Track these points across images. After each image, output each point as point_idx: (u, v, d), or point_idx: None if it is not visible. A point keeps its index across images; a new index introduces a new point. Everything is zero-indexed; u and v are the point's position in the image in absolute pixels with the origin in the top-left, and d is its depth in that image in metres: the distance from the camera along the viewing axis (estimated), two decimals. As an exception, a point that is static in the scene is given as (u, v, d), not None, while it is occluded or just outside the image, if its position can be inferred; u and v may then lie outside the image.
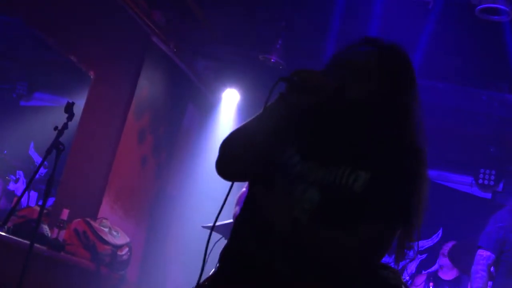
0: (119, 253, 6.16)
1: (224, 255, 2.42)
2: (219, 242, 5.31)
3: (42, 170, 8.76)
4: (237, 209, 5.18)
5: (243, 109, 8.31)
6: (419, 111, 2.44)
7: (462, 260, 6.65)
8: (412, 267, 8.45)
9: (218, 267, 2.42)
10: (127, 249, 6.29)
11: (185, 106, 8.44)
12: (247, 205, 2.43)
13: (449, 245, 7.17)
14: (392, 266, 2.34)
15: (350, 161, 2.27)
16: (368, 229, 2.21)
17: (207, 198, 7.34)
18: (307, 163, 2.31)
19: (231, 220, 5.22)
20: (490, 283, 5.14)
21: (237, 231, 2.42)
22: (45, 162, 4.71)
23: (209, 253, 2.43)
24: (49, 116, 7.92)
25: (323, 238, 2.20)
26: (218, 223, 4.95)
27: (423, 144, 2.38)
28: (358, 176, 2.24)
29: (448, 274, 7.02)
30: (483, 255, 5.05)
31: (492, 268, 5.09)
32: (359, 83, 2.31)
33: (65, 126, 4.63)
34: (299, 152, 2.34)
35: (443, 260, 7.06)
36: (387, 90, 2.35)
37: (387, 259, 2.38)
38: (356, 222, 2.20)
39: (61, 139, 4.60)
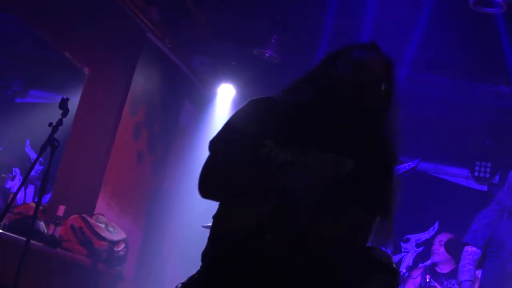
0: (115, 249, 6.16)
1: (209, 253, 2.46)
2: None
3: (38, 167, 8.76)
4: None
5: (238, 103, 8.29)
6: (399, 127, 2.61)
7: (459, 252, 6.66)
8: (409, 260, 8.47)
9: (204, 265, 2.45)
10: (123, 245, 6.30)
11: (181, 101, 8.44)
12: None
13: (442, 236, 7.17)
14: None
15: (338, 151, 2.39)
16: (353, 215, 2.33)
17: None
18: (292, 151, 2.38)
19: None
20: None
21: (223, 226, 2.45)
22: (41, 159, 4.72)
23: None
24: (45, 113, 7.91)
25: (312, 225, 2.28)
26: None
27: (398, 154, 2.55)
28: (345, 162, 2.37)
29: (445, 267, 7.03)
30: (469, 250, 5.12)
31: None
32: (376, 92, 2.48)
33: (60, 122, 4.64)
34: (279, 143, 2.40)
35: (438, 251, 7.07)
36: (387, 103, 2.54)
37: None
38: (340, 207, 2.32)
39: (56, 135, 4.61)
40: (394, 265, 2.30)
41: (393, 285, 2.28)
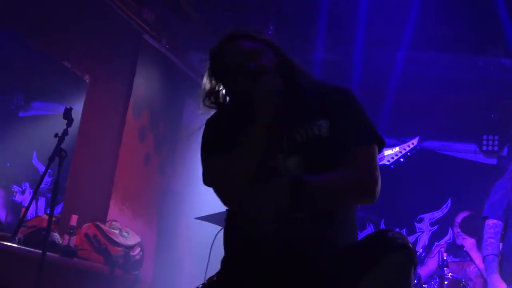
0: (131, 253, 6.16)
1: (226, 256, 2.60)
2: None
3: (48, 179, 8.76)
4: None
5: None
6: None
7: (474, 228, 6.65)
8: (424, 239, 8.46)
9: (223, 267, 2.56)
10: (139, 249, 6.30)
11: (183, 100, 8.44)
12: None
13: (460, 216, 7.16)
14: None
15: (307, 118, 2.58)
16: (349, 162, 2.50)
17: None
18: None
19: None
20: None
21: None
22: (50, 170, 4.72)
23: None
24: (49, 124, 7.88)
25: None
26: (211, 213, 4.95)
27: (351, 95, 2.69)
28: (320, 125, 2.55)
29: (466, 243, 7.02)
30: (490, 224, 5.06)
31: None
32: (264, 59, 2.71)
33: (66, 132, 4.64)
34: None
35: (457, 231, 7.06)
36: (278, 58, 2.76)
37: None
38: (333, 163, 2.48)
39: (63, 145, 4.61)
40: (410, 244, 2.31)
41: (409, 262, 2.29)
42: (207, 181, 2.61)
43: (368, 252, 2.28)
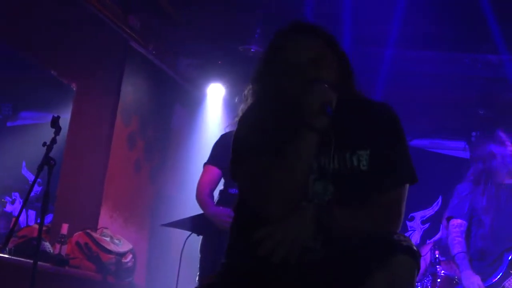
0: (123, 260, 6.14)
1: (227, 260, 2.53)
2: (194, 238, 5.33)
3: (37, 188, 8.74)
4: (203, 190, 5.18)
5: (229, 102, 8.30)
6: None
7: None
8: (416, 237, 8.47)
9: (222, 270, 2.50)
10: (131, 255, 6.28)
11: (172, 106, 8.43)
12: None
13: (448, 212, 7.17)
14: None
15: (348, 145, 2.43)
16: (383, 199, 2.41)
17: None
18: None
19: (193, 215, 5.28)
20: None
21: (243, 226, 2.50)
22: (39, 179, 4.70)
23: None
24: (38, 134, 7.87)
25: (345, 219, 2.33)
26: (178, 219, 4.93)
27: (395, 116, 2.54)
28: (359, 156, 2.42)
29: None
30: (455, 223, 5.27)
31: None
32: (325, 70, 2.46)
33: (54, 141, 4.62)
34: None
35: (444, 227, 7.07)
36: (342, 72, 2.53)
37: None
38: (365, 195, 2.38)
39: (51, 154, 4.59)
40: (415, 247, 2.30)
41: (413, 266, 2.27)
42: (244, 182, 2.47)
43: (373, 255, 2.25)
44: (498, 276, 4.97)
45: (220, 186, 5.27)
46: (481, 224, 5.14)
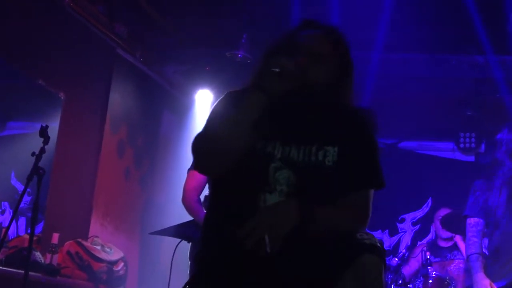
0: (115, 268, 6.13)
1: (201, 254, 2.52)
2: (185, 245, 5.33)
3: (27, 198, 8.70)
4: (191, 197, 5.18)
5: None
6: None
7: (455, 224, 6.69)
8: (407, 239, 8.50)
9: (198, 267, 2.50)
10: (122, 263, 6.27)
11: (160, 113, 8.43)
12: (217, 196, 2.52)
13: (440, 213, 7.19)
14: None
15: (315, 139, 2.44)
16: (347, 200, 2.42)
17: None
18: (272, 144, 2.44)
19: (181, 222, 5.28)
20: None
21: (214, 224, 2.49)
22: (29, 189, 4.69)
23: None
24: (26, 143, 7.84)
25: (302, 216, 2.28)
26: (167, 227, 4.95)
27: (373, 117, 2.57)
28: (326, 151, 2.43)
29: (446, 242, 7.06)
30: (472, 222, 5.11)
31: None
32: (318, 67, 2.46)
33: (43, 150, 4.61)
34: (264, 136, 2.44)
35: (438, 227, 7.09)
36: (339, 71, 2.53)
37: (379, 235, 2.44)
38: (332, 195, 2.40)
39: (41, 163, 4.58)
40: (379, 244, 2.30)
41: (379, 263, 2.28)
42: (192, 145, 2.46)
43: (337, 256, 2.27)
44: (511, 279, 4.93)
45: (206, 191, 5.25)
46: (498, 223, 5.06)
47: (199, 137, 2.39)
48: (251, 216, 2.26)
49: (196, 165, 2.48)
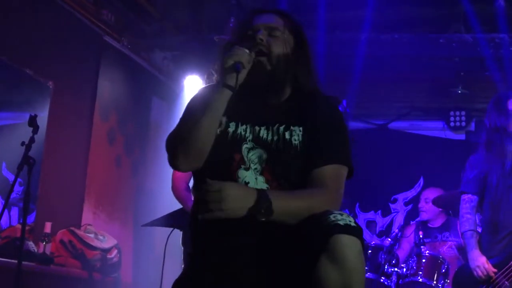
0: (108, 256, 6.13)
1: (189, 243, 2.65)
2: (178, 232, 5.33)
3: (18, 188, 8.68)
4: (180, 185, 5.19)
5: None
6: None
7: (448, 203, 6.71)
8: (400, 219, 8.52)
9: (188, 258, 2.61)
10: (116, 251, 6.27)
11: (150, 99, 8.41)
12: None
13: (427, 193, 7.19)
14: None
15: (283, 120, 2.59)
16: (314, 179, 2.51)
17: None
18: (243, 127, 2.60)
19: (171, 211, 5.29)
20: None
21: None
22: (20, 179, 4.68)
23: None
24: (16, 133, 7.81)
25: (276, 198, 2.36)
26: (158, 217, 4.95)
27: (335, 98, 2.81)
28: (293, 131, 2.56)
29: (436, 222, 7.06)
30: (466, 198, 5.08)
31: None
32: (276, 38, 2.64)
33: (32, 140, 4.60)
34: (234, 120, 2.61)
35: (425, 208, 7.10)
36: (294, 45, 2.68)
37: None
38: (301, 173, 2.51)
39: (31, 153, 4.58)
40: (353, 222, 2.26)
41: (355, 243, 2.23)
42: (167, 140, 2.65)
43: (312, 239, 2.25)
44: (506, 255, 4.90)
45: None
46: (496, 196, 5.01)
47: (170, 137, 2.61)
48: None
49: (170, 164, 2.64)
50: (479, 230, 5.17)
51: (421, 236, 6.16)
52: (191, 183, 5.29)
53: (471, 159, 5.19)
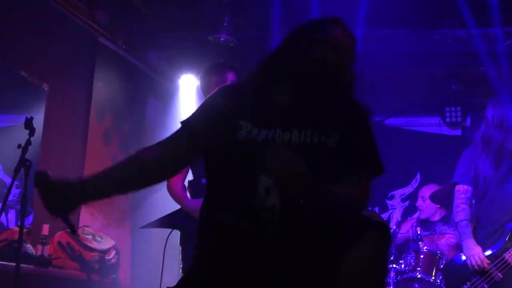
0: (106, 257, 6.13)
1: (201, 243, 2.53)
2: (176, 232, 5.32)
3: (16, 190, 8.67)
4: (176, 185, 5.18)
5: (202, 92, 8.29)
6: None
7: (444, 197, 6.71)
8: (397, 215, 8.52)
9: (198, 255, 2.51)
10: (114, 252, 6.27)
11: (145, 99, 8.41)
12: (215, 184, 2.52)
13: (423, 191, 7.20)
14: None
15: (318, 124, 2.46)
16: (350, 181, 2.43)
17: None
18: (272, 131, 2.43)
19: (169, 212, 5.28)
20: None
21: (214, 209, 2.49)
22: (17, 182, 4.67)
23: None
24: (12, 136, 7.79)
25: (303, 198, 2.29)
26: (156, 219, 4.94)
27: (368, 115, 2.67)
28: (328, 134, 2.44)
29: (434, 216, 7.07)
30: (460, 189, 5.11)
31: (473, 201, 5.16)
32: (349, 67, 2.60)
33: (29, 142, 4.59)
34: (262, 125, 2.45)
35: (422, 207, 7.11)
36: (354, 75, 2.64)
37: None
38: (335, 176, 2.39)
39: (27, 155, 4.57)
40: (384, 222, 2.33)
41: (385, 239, 2.31)
42: (189, 126, 2.64)
43: (345, 232, 2.29)
44: (499, 247, 4.93)
45: (189, 176, 5.24)
46: (487, 190, 5.03)
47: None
48: (249, 200, 2.33)
49: None
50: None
51: (418, 232, 6.17)
52: (186, 182, 5.29)
53: (466, 152, 5.23)
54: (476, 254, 4.89)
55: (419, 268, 5.88)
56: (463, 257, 5.04)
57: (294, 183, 2.22)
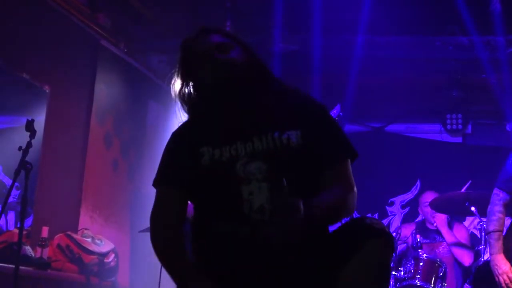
0: (105, 260, 6.13)
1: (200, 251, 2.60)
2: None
3: (16, 192, 8.67)
4: None
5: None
6: None
7: (445, 206, 6.69)
8: (396, 222, 8.52)
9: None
10: (113, 255, 6.27)
11: (146, 103, 8.40)
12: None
13: (425, 197, 7.18)
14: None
15: (274, 126, 2.48)
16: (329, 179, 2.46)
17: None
18: (233, 147, 2.48)
19: None
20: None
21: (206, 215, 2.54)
22: (17, 184, 4.67)
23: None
24: (13, 138, 7.80)
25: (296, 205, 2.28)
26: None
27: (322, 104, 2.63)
28: (288, 132, 2.46)
29: (433, 224, 7.06)
30: (500, 195, 4.85)
31: None
32: (230, 52, 2.61)
33: (29, 144, 4.60)
34: (220, 144, 2.51)
35: (426, 211, 7.09)
36: (246, 53, 2.64)
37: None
38: (306, 174, 2.44)
39: (28, 157, 4.57)
40: (387, 229, 2.33)
41: (388, 247, 2.32)
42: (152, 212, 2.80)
43: (347, 240, 2.29)
44: None
45: None
46: None
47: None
48: (239, 209, 2.37)
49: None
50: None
51: (418, 239, 6.16)
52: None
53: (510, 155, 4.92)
54: (505, 273, 4.69)
55: (418, 276, 5.86)
56: None
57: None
